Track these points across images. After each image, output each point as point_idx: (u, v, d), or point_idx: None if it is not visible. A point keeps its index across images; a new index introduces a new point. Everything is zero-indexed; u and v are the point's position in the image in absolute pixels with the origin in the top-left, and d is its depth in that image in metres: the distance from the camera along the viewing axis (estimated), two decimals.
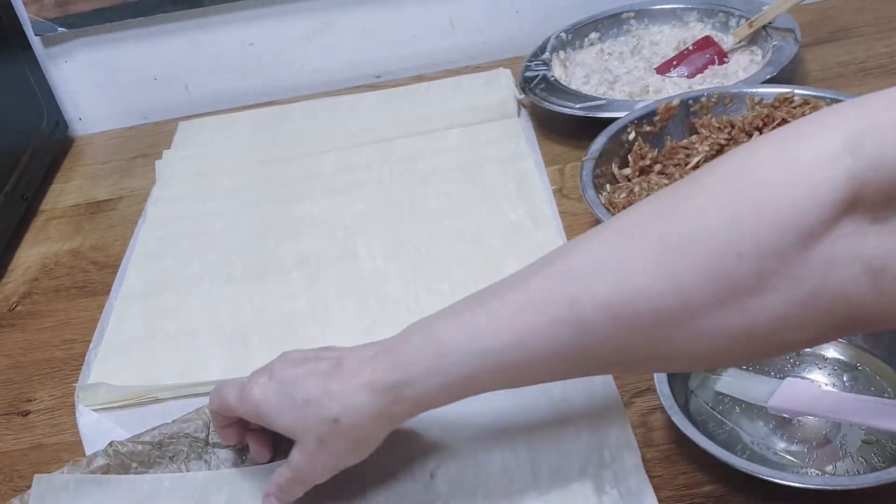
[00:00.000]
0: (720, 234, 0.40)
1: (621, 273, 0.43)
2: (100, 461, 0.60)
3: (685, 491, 0.56)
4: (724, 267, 0.40)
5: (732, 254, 0.39)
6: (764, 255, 0.39)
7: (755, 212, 0.39)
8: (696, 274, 0.40)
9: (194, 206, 0.93)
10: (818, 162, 0.38)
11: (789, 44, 0.93)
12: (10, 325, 0.82)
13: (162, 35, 1.11)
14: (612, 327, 0.43)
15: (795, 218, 0.38)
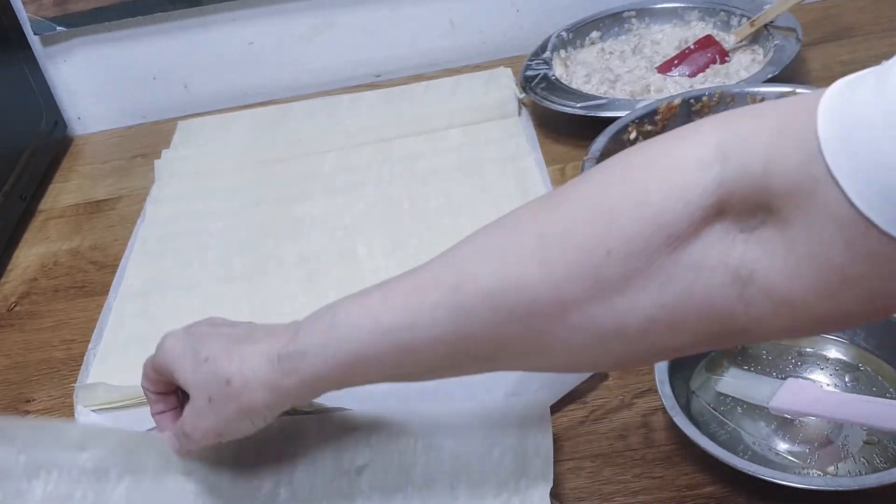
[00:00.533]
0: (593, 229, 0.41)
1: (501, 263, 0.44)
2: None
3: (686, 492, 0.55)
4: (593, 263, 0.40)
5: (602, 250, 0.40)
6: (632, 253, 0.39)
7: (627, 210, 0.40)
8: (568, 268, 0.41)
9: (194, 205, 0.93)
10: (690, 167, 0.39)
11: (791, 43, 0.93)
12: (8, 326, 0.82)
13: (161, 34, 1.11)
14: (490, 315, 0.44)
15: (665, 219, 0.39)
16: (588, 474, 0.58)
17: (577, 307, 0.41)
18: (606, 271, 0.40)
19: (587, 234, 0.41)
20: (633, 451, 0.59)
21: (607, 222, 0.40)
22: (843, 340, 0.61)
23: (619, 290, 0.40)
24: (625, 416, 0.61)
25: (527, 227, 0.44)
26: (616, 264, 0.40)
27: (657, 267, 0.39)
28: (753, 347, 0.63)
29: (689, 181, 0.38)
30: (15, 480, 0.56)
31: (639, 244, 0.39)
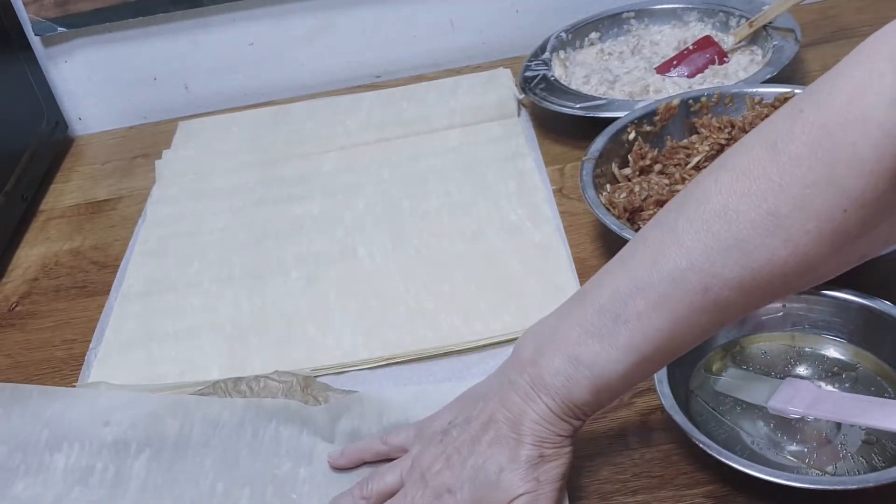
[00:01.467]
0: (823, 196, 0.43)
1: (742, 252, 0.45)
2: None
3: (685, 491, 0.55)
4: (834, 225, 0.43)
5: (839, 211, 0.43)
6: (866, 204, 0.43)
7: (847, 170, 0.42)
8: (812, 237, 0.44)
9: (194, 206, 0.93)
10: (881, 106, 0.42)
11: (790, 44, 0.93)
12: (9, 325, 0.82)
13: (162, 35, 1.11)
14: (746, 301, 0.47)
15: (884, 164, 0.41)
16: (587, 474, 0.58)
17: (824, 262, 0.45)
18: (847, 228, 0.44)
19: (820, 203, 0.43)
20: (631, 450, 0.59)
21: (832, 186, 0.43)
22: (842, 340, 0.62)
23: (861, 234, 0.44)
24: (624, 416, 0.61)
25: (751, 210, 0.45)
26: (854, 218, 0.43)
27: (890, 204, 0.43)
28: (752, 347, 0.63)
29: (889, 118, 0.41)
30: (38, 454, 0.58)
31: (869, 195, 0.42)
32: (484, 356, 0.69)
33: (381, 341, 0.71)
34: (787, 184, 0.44)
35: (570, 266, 0.75)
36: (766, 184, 0.45)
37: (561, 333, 0.51)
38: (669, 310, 0.47)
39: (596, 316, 0.49)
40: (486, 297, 0.73)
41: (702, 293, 0.46)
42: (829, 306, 0.62)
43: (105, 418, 0.60)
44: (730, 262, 0.45)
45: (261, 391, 0.63)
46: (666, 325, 0.47)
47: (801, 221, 0.44)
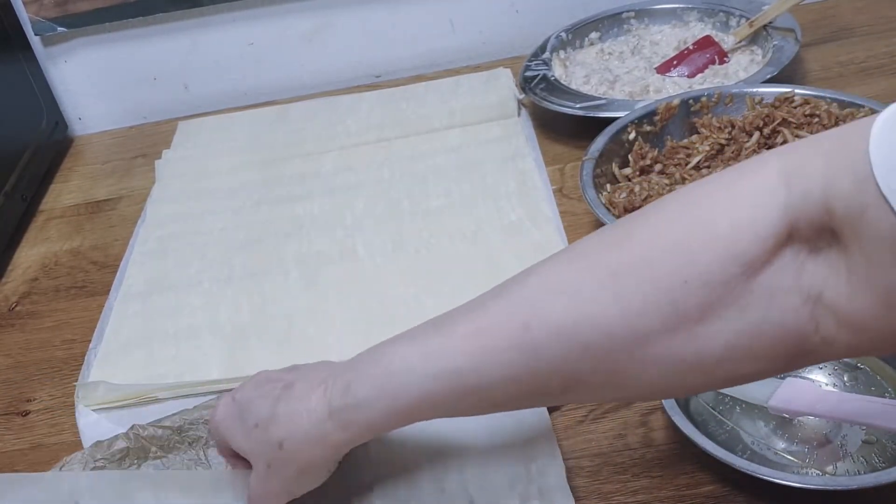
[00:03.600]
0: (668, 262, 0.41)
1: (573, 299, 0.43)
2: (120, 444, 0.61)
3: (686, 491, 0.55)
4: (671, 295, 0.41)
5: (680, 282, 0.40)
6: (710, 283, 0.40)
7: (701, 241, 0.40)
8: (645, 301, 0.41)
9: (194, 206, 0.93)
10: (758, 196, 0.39)
11: (790, 43, 0.93)
12: (9, 325, 0.82)
13: (161, 35, 1.11)
14: (564, 353, 0.43)
15: (739, 248, 0.39)
16: (587, 473, 0.58)
17: (655, 339, 0.41)
18: (684, 302, 0.40)
19: (662, 267, 0.41)
20: (632, 450, 0.59)
21: (681, 254, 0.41)
22: None
23: (697, 319, 0.40)
24: (624, 416, 0.61)
25: (596, 261, 0.43)
26: (693, 294, 0.40)
27: (734, 295, 0.40)
28: None
29: (757, 209, 0.39)
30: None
31: (715, 274, 0.40)
32: None
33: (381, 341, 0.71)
34: (639, 240, 0.42)
35: None
36: (620, 235, 0.44)
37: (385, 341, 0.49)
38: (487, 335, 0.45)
39: (424, 324, 0.48)
40: None
41: (520, 329, 0.44)
42: None
43: (74, 501, 0.57)
44: (557, 305, 0.43)
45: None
46: (475, 349, 0.45)
47: (638, 282, 0.41)
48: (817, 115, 0.78)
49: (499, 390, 0.46)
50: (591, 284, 0.43)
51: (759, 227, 0.39)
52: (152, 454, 0.61)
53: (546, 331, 0.43)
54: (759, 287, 0.39)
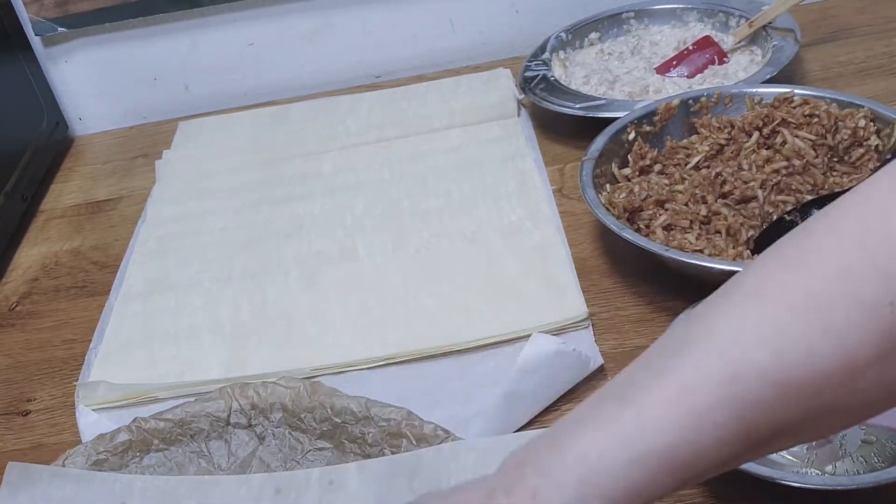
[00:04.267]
0: (869, 285, 0.38)
1: (778, 339, 0.39)
2: (122, 437, 0.61)
3: (685, 491, 0.56)
4: (881, 320, 0.38)
5: (886, 305, 0.38)
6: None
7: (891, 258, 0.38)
8: (858, 330, 0.38)
9: (194, 206, 0.93)
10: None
11: (789, 44, 0.93)
12: (10, 325, 0.83)
13: (162, 35, 1.11)
14: (776, 398, 0.39)
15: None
16: None
17: (867, 369, 0.38)
18: (892, 324, 0.38)
19: (865, 291, 0.38)
20: None
21: (881, 275, 0.38)
22: None
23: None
24: None
25: (784, 292, 0.40)
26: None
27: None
28: None
29: None
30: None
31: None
32: (484, 356, 0.69)
33: (381, 341, 0.71)
34: (828, 265, 0.39)
35: (570, 266, 0.75)
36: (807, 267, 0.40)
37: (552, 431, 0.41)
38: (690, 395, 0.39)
39: (597, 400, 0.41)
40: (485, 297, 0.74)
41: (727, 383, 0.39)
42: None
43: (121, 501, 0.58)
44: (763, 350, 0.39)
45: (269, 396, 0.63)
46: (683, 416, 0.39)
47: (844, 306, 0.38)
48: (817, 115, 0.79)
49: (713, 455, 0.40)
50: (792, 320, 0.39)
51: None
52: (154, 447, 0.61)
53: (755, 378, 0.39)
54: None
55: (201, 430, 0.62)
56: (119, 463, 0.61)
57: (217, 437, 0.62)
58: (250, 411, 0.62)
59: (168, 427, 0.62)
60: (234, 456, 0.61)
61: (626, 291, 0.71)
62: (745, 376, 0.38)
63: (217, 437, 0.62)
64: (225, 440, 0.62)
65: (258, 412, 0.62)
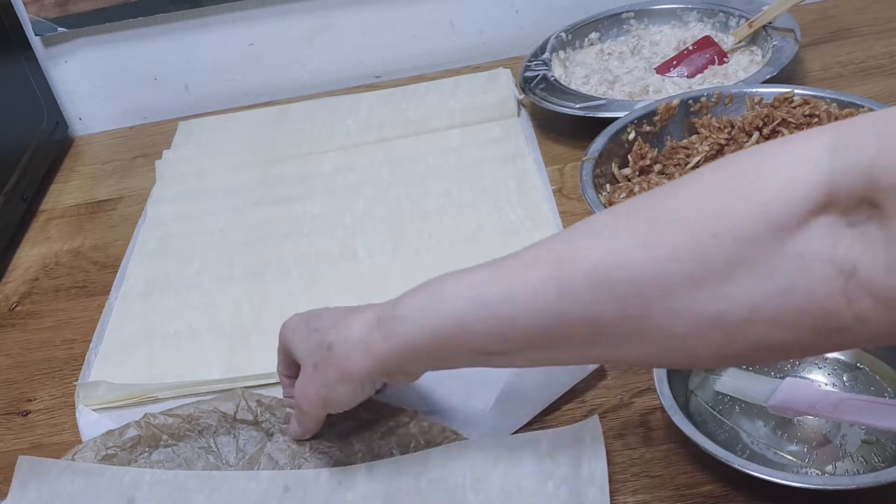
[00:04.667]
0: (702, 214, 0.42)
1: (607, 242, 0.45)
2: (131, 432, 0.62)
3: (685, 491, 0.56)
4: (700, 247, 0.41)
5: (710, 234, 0.41)
6: (739, 239, 0.40)
7: (736, 199, 0.41)
8: (675, 249, 0.42)
9: (194, 206, 0.93)
10: (800, 162, 0.40)
11: (789, 44, 0.93)
12: (10, 325, 0.83)
13: (162, 35, 1.11)
14: (591, 294, 0.44)
15: (773, 208, 0.40)
16: None
17: (680, 290, 0.42)
18: (712, 255, 0.41)
19: (696, 218, 0.42)
20: (631, 450, 0.59)
21: (716, 209, 0.41)
22: None
23: (723, 276, 0.41)
24: (623, 416, 0.61)
25: (636, 212, 0.45)
26: (722, 249, 0.41)
27: (763, 256, 0.40)
28: None
29: (798, 175, 0.40)
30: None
31: (746, 231, 0.40)
32: None
33: None
34: (681, 195, 0.44)
35: None
36: (665, 192, 0.45)
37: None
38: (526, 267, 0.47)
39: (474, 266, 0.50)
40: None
41: (554, 265, 0.46)
42: None
43: (129, 496, 0.59)
44: (591, 246, 0.45)
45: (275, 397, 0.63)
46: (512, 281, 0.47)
47: (671, 231, 0.42)
48: (817, 115, 0.79)
49: (528, 326, 0.47)
50: (626, 230, 0.44)
51: (796, 191, 0.39)
52: (163, 442, 0.62)
53: (577, 269, 0.45)
54: (790, 251, 0.39)
55: (209, 426, 0.62)
56: (128, 458, 0.62)
57: (225, 433, 0.62)
58: (257, 408, 0.63)
59: (177, 423, 0.62)
60: (242, 452, 0.61)
61: None
62: (568, 264, 0.45)
63: (225, 433, 0.62)
64: (233, 436, 0.62)
65: (265, 409, 0.63)
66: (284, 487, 0.59)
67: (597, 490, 0.54)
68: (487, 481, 0.56)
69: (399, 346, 0.51)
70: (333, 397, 0.55)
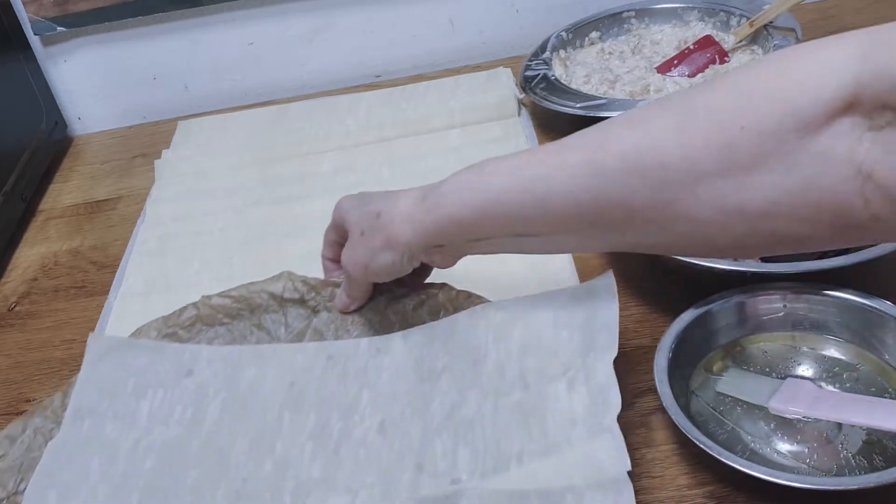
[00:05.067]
0: (731, 108, 0.44)
1: (641, 129, 0.47)
2: (189, 312, 0.68)
3: (686, 491, 0.55)
4: (727, 138, 0.43)
5: (737, 125, 0.43)
6: (763, 132, 0.42)
7: (765, 95, 0.43)
8: (704, 140, 0.44)
9: (194, 205, 0.93)
10: (829, 63, 0.42)
11: (790, 43, 0.93)
12: (9, 325, 0.82)
13: (161, 34, 1.11)
14: (623, 176, 0.47)
15: (798, 104, 0.41)
16: None
17: (706, 178, 0.44)
18: (738, 147, 0.43)
19: (724, 110, 0.44)
20: (632, 450, 0.58)
21: (745, 102, 0.43)
22: (843, 340, 0.62)
23: (747, 167, 0.43)
24: (624, 416, 0.61)
25: (670, 102, 0.47)
26: (747, 141, 0.43)
27: (785, 150, 0.42)
28: (752, 347, 0.63)
29: (825, 74, 0.41)
30: (125, 400, 0.63)
31: (771, 125, 0.42)
32: None
33: None
34: (715, 88, 0.45)
35: (571, 266, 0.75)
36: (705, 86, 0.47)
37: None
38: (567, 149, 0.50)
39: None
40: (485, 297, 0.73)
41: (592, 150, 0.49)
42: (830, 306, 0.62)
43: (189, 368, 0.65)
44: (627, 133, 0.48)
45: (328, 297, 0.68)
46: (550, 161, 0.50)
47: (702, 121, 0.44)
48: None
49: (562, 206, 0.50)
50: (661, 119, 0.46)
51: (822, 90, 0.41)
52: (218, 321, 0.67)
53: (611, 153, 0.47)
54: (811, 148, 0.41)
55: (259, 305, 0.67)
56: (187, 336, 0.67)
57: (274, 312, 0.67)
58: (303, 288, 0.68)
59: (231, 303, 0.68)
60: (290, 328, 0.67)
61: (627, 291, 0.71)
62: (604, 148, 0.48)
63: (274, 312, 0.67)
64: (282, 314, 0.67)
65: (310, 288, 0.68)
66: (328, 356, 0.64)
67: (607, 334, 0.57)
68: (508, 336, 0.60)
69: (439, 219, 0.55)
70: (375, 264, 0.59)
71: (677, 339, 0.60)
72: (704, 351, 0.62)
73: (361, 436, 0.58)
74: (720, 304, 0.63)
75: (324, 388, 0.62)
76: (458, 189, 0.54)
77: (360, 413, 0.60)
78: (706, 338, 0.62)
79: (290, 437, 0.59)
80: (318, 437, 0.59)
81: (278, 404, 0.61)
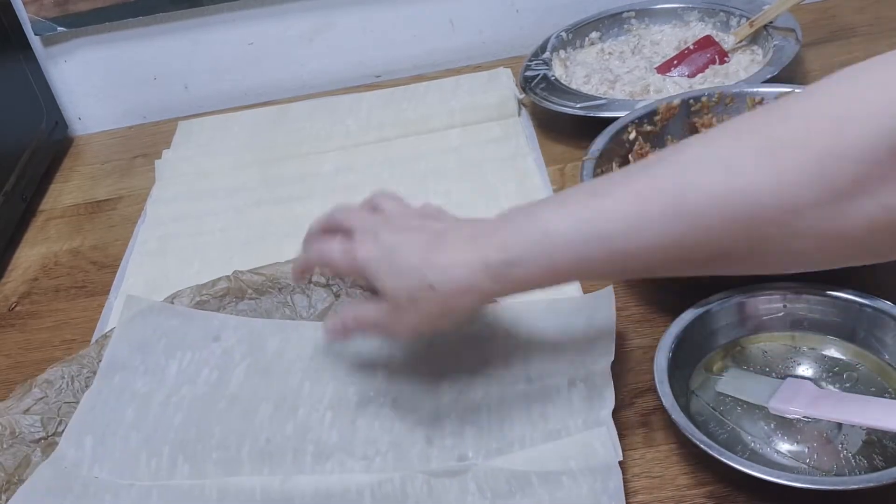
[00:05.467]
0: (825, 136, 0.42)
1: (728, 169, 0.45)
2: (222, 284, 0.73)
3: (686, 491, 0.55)
4: (826, 169, 0.42)
5: (834, 156, 0.42)
6: (864, 160, 0.41)
7: (859, 118, 0.42)
8: (801, 174, 0.43)
9: (194, 205, 0.93)
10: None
11: (790, 43, 0.93)
12: (9, 325, 0.82)
13: (161, 35, 1.11)
14: (716, 223, 0.45)
15: (888, 127, 0.41)
16: None
17: (805, 212, 0.43)
18: (838, 177, 0.42)
19: (820, 141, 0.43)
20: (632, 450, 0.59)
21: (838, 129, 0.42)
22: (843, 340, 0.62)
23: (849, 194, 0.42)
24: (624, 416, 0.61)
25: (752, 134, 0.45)
26: (847, 170, 0.42)
27: (885, 172, 0.41)
28: (752, 347, 0.63)
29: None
30: (156, 358, 0.69)
31: (870, 150, 0.41)
32: None
33: None
34: (797, 116, 0.44)
35: None
36: (778, 113, 0.45)
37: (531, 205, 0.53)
38: (643, 199, 0.47)
39: (575, 190, 0.51)
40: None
41: (677, 197, 0.46)
42: (830, 306, 0.62)
43: (216, 334, 0.70)
44: (715, 175, 0.45)
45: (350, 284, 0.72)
46: (631, 214, 0.47)
47: (794, 154, 0.43)
48: None
49: (647, 256, 0.48)
50: (748, 155, 0.44)
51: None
52: (248, 295, 0.72)
53: (701, 200, 0.45)
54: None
55: (287, 285, 0.72)
56: (217, 305, 0.72)
57: (300, 292, 0.72)
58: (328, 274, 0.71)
59: (260, 280, 0.73)
60: (314, 308, 0.71)
61: (627, 291, 0.71)
62: (691, 195, 0.45)
63: (300, 292, 0.72)
64: (307, 295, 0.72)
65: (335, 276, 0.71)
66: None
67: (605, 342, 0.62)
68: (514, 336, 0.65)
69: (508, 286, 0.52)
70: (429, 328, 0.57)
71: (677, 339, 0.61)
72: (704, 351, 0.62)
73: (376, 410, 0.63)
74: (720, 304, 0.63)
75: (341, 364, 0.66)
76: (529, 259, 0.50)
77: (376, 389, 0.64)
78: (706, 338, 0.63)
79: (311, 403, 0.64)
80: (336, 407, 0.63)
81: (300, 374, 0.66)
